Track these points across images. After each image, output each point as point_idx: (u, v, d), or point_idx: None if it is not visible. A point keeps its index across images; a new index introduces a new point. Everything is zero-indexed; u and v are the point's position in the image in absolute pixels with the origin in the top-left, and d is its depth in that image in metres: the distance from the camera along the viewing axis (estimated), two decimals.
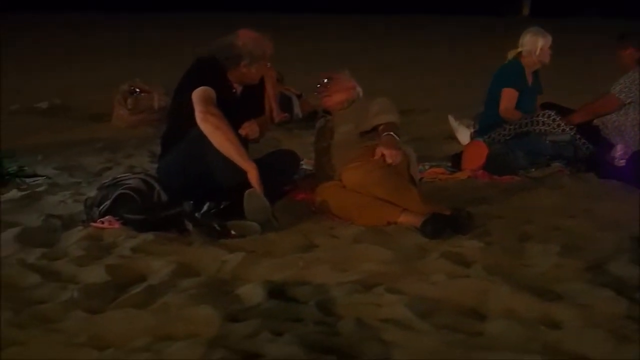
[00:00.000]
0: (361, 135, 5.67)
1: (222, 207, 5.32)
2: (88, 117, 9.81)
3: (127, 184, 5.09)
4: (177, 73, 5.54)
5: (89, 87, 12.13)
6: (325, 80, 5.91)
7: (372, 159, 5.36)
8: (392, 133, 5.45)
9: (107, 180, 5.42)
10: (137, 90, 9.10)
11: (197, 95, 5.21)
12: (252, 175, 5.16)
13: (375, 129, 5.62)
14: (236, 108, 5.46)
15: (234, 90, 5.54)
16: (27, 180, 6.48)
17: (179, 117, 5.38)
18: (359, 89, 5.92)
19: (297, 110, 9.53)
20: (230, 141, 5.15)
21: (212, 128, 5.13)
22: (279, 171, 5.58)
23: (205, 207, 5.33)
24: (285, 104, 9.42)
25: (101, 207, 5.12)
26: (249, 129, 5.55)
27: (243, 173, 5.17)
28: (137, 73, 12.51)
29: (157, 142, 5.88)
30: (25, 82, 12.99)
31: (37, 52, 17.14)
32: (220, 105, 5.23)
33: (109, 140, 8.39)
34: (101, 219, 5.08)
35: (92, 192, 5.86)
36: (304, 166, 6.53)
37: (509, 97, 7.26)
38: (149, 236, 4.87)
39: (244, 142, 5.45)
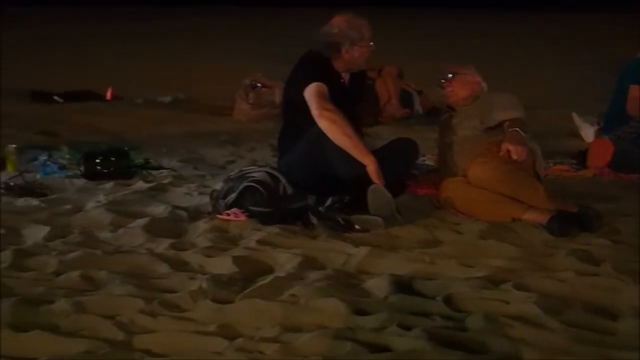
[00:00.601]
0: (486, 131, 5.62)
1: (345, 201, 5.36)
2: (210, 110, 9.91)
3: (253, 176, 5.14)
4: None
5: (211, 81, 12.27)
6: (450, 75, 5.87)
7: (498, 155, 5.32)
8: (517, 129, 5.39)
9: (233, 173, 5.48)
10: (259, 84, 9.20)
11: (310, 92, 5.25)
12: (371, 169, 5.16)
13: (500, 124, 5.56)
14: (346, 97, 5.47)
15: (342, 80, 5.56)
16: (153, 172, 6.58)
17: (294, 113, 5.43)
18: (484, 85, 5.86)
19: (418, 106, 9.50)
20: (347, 135, 5.16)
21: (328, 123, 5.16)
22: (398, 158, 5.55)
23: (328, 201, 5.37)
24: (405, 100, 9.41)
25: (227, 199, 5.18)
26: None
27: (364, 167, 5.18)
28: (256, 66, 12.74)
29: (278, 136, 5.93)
30: (149, 75, 13.24)
31: (161, 46, 17.40)
32: (330, 95, 5.26)
33: (232, 133, 8.48)
34: (227, 211, 5.14)
35: (217, 185, 5.95)
36: (426, 162, 6.49)
37: (637, 94, 7.09)
38: (274, 229, 4.92)
39: (360, 134, 5.48)
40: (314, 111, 5.18)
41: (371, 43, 5.50)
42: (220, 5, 28.34)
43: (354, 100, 5.65)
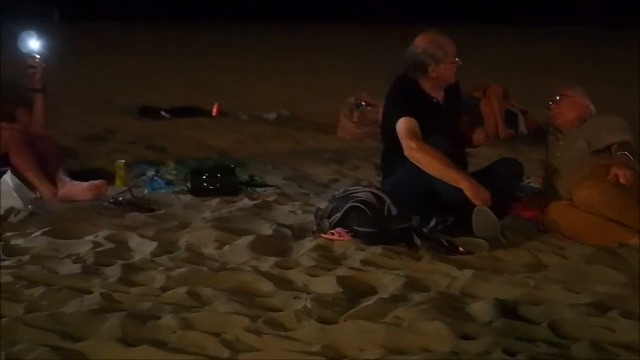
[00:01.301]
0: (593, 154, 5.55)
1: (449, 222, 5.35)
2: (314, 127, 9.97)
3: (358, 196, 5.16)
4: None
5: (315, 98, 12.35)
6: (558, 97, 5.81)
7: (605, 179, 5.24)
8: (626, 152, 5.32)
9: (337, 193, 5.51)
10: (363, 103, 9.23)
11: (399, 127, 5.34)
12: (468, 192, 5.15)
13: (608, 147, 5.48)
14: (441, 116, 5.54)
15: (435, 100, 5.56)
16: (258, 189, 6.66)
17: (392, 138, 5.45)
18: (592, 107, 5.78)
19: (523, 126, 9.41)
20: (436, 167, 5.20)
21: (418, 158, 5.24)
22: (502, 180, 5.50)
23: (433, 222, 5.37)
24: (510, 120, 9.33)
25: (332, 219, 5.22)
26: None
27: None
28: (358, 84, 12.79)
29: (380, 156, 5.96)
30: (254, 91, 13.37)
31: (265, 62, 17.58)
32: (424, 119, 5.31)
33: (335, 151, 8.52)
34: (331, 230, 5.18)
35: (321, 203, 6.00)
36: (531, 184, 6.43)
37: None
38: (378, 249, 4.93)
39: (461, 155, 5.48)
40: (404, 147, 5.28)
41: (457, 58, 5.50)
42: (324, 23, 28.51)
43: (451, 116, 5.68)
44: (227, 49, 20.83)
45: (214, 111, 10.89)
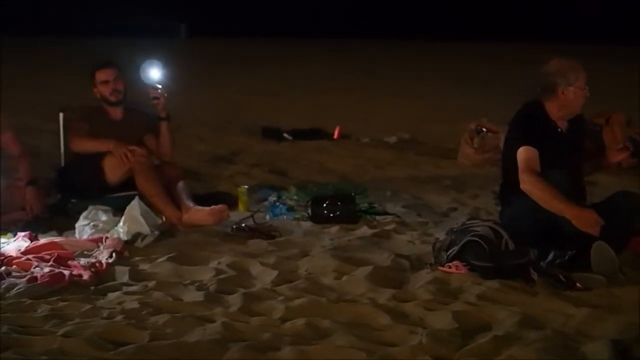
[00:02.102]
0: None
1: (567, 256, 5.33)
2: (434, 152, 10.01)
3: (475, 230, 5.21)
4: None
5: (437, 121, 12.37)
6: None
7: None
8: None
9: (456, 226, 5.56)
10: (484, 129, 9.24)
11: (520, 155, 5.39)
12: (576, 222, 5.15)
13: None
14: (563, 147, 5.55)
15: (559, 129, 5.58)
16: (377, 217, 6.74)
17: (511, 167, 5.48)
18: None
19: None
20: (545, 198, 5.22)
21: (530, 190, 5.27)
22: (622, 213, 5.43)
23: (550, 256, 5.36)
24: (636, 148, 9.17)
25: (449, 252, 5.27)
26: None
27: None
28: (481, 107, 12.76)
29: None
30: (373, 113, 13.47)
31: (384, 82, 17.63)
32: (546, 148, 5.35)
33: (455, 178, 8.53)
34: (449, 263, 5.22)
35: (439, 233, 6.07)
36: None
37: None
38: (494, 283, 4.95)
39: (579, 187, 5.47)
40: (519, 175, 5.32)
41: (586, 88, 5.50)
42: (452, 40, 28.28)
43: (572, 148, 5.66)
44: (350, 67, 20.93)
45: (336, 134, 11.03)
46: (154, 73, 6.98)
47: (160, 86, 6.97)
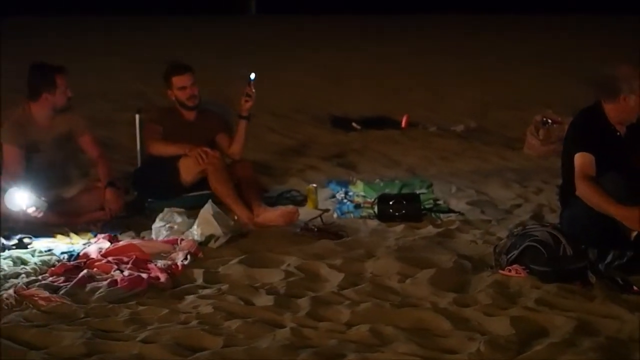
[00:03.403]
0: None
1: (625, 259, 5.47)
2: (501, 142, 10.09)
3: (535, 235, 5.38)
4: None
5: (504, 108, 12.41)
6: None
7: None
8: None
9: (516, 230, 5.74)
10: (549, 121, 9.33)
11: (576, 162, 5.59)
12: (626, 222, 5.35)
13: None
14: (622, 150, 5.71)
15: (618, 133, 5.73)
16: (442, 215, 6.92)
17: (569, 170, 5.68)
18: None
19: None
20: (602, 204, 5.40)
21: (583, 195, 5.50)
22: None
23: (609, 258, 5.50)
24: None
25: (509, 255, 5.44)
26: None
27: None
28: (550, 91, 12.78)
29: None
30: (441, 98, 13.53)
31: (456, 63, 17.54)
32: (604, 152, 5.53)
33: (519, 171, 8.64)
34: (509, 267, 5.40)
35: (501, 232, 6.25)
36: None
37: None
38: (552, 288, 5.11)
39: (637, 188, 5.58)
40: (575, 180, 5.53)
41: None
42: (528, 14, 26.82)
43: (631, 152, 5.77)
44: (415, 47, 20.78)
45: (404, 123, 11.18)
46: (253, 74, 7.25)
47: (253, 87, 7.24)
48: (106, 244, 6.14)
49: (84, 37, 22.94)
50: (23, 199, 6.43)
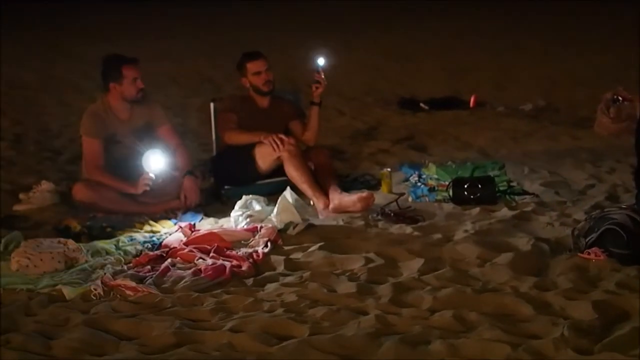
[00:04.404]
0: None
1: None
2: (571, 121, 10.05)
3: (613, 218, 5.40)
4: None
5: (572, 86, 12.33)
6: None
7: None
8: None
9: (595, 212, 5.74)
10: (620, 98, 9.27)
11: None
12: None
13: None
14: None
15: None
16: (516, 197, 6.95)
17: None
18: None
19: None
20: None
21: None
22: None
23: None
24: None
25: (588, 239, 5.46)
26: None
27: None
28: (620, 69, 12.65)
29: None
30: (508, 76, 13.48)
31: (522, 40, 17.40)
32: None
33: (591, 150, 8.61)
34: (588, 250, 5.43)
35: (577, 214, 6.29)
36: None
37: None
38: (633, 271, 5.13)
39: None
40: None
41: None
42: None
43: None
44: (485, 24, 20.68)
45: (472, 102, 11.19)
46: (322, 60, 7.35)
47: (323, 73, 7.33)
48: (187, 233, 6.27)
49: (148, 21, 23.22)
50: (157, 163, 6.61)
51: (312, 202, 6.87)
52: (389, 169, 7.47)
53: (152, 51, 15.83)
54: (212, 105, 7.71)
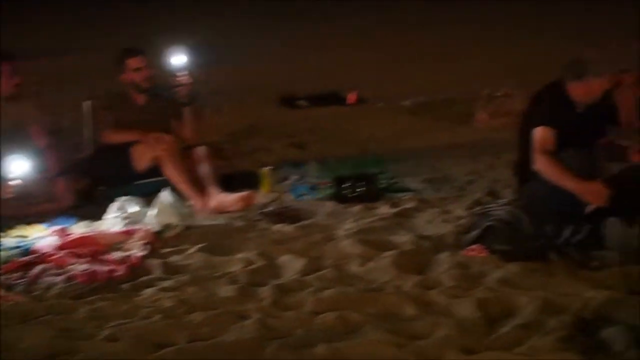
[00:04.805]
0: None
1: (583, 234, 5.50)
2: (450, 117, 10.10)
3: (495, 214, 5.40)
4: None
5: (451, 83, 12.39)
6: None
7: None
8: None
9: (476, 209, 5.75)
10: (498, 93, 9.37)
11: (535, 136, 5.59)
12: (584, 197, 5.45)
13: None
14: (582, 127, 5.70)
15: (579, 110, 5.76)
16: (398, 194, 6.91)
17: (528, 144, 5.66)
18: None
19: None
20: (559, 178, 5.48)
21: (542, 168, 5.54)
22: (630, 186, 5.61)
23: (567, 233, 5.52)
24: None
25: (470, 235, 5.46)
26: None
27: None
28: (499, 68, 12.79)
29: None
30: (388, 72, 13.51)
31: (401, 37, 17.50)
32: (565, 128, 5.55)
33: (470, 145, 8.66)
34: (470, 246, 5.41)
35: (458, 210, 6.28)
36: None
37: None
38: (515, 267, 5.12)
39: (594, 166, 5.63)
40: (534, 155, 5.54)
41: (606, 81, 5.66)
42: None
43: (590, 129, 5.81)
44: (363, 20, 20.70)
45: (351, 99, 11.16)
46: (179, 59, 7.15)
47: (185, 72, 7.14)
48: (60, 237, 6.03)
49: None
50: (21, 167, 6.18)
51: (191, 203, 6.69)
52: (269, 167, 7.34)
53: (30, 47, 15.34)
54: (87, 103, 7.46)
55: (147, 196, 6.73)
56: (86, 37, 18.69)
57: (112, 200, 6.61)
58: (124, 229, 6.17)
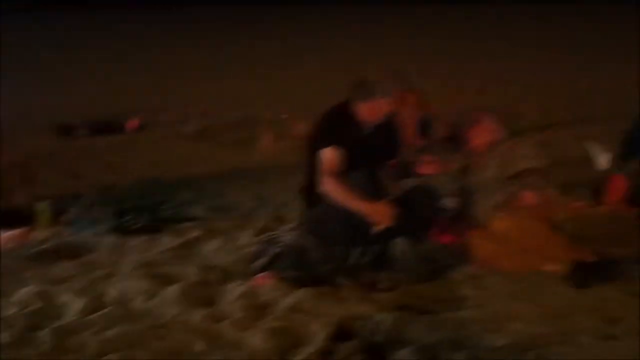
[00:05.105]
0: (507, 180, 5.75)
1: (372, 256, 5.50)
2: (233, 140, 9.99)
3: (282, 241, 5.32)
4: None
5: (232, 105, 12.32)
6: (468, 121, 6.01)
7: (518, 206, 5.46)
8: (537, 178, 5.54)
9: (264, 235, 5.65)
10: (282, 116, 9.36)
11: (323, 158, 5.51)
12: (371, 218, 5.40)
13: (520, 173, 5.69)
14: (369, 147, 5.67)
15: (366, 132, 5.73)
16: (183, 224, 6.72)
17: (314, 167, 5.61)
18: (503, 132, 5.98)
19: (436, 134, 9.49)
20: (345, 199, 5.41)
21: (328, 190, 5.46)
22: (415, 206, 5.66)
23: (356, 255, 5.51)
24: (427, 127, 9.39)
25: (258, 263, 5.35)
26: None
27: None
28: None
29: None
30: (171, 94, 13.34)
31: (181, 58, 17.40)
32: (351, 149, 5.50)
33: (254, 171, 8.57)
34: (258, 275, 5.29)
35: (245, 238, 6.14)
36: (448, 204, 6.57)
37: None
38: (304, 293, 5.05)
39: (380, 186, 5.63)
40: (321, 175, 5.47)
41: (392, 101, 5.68)
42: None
43: (377, 149, 5.80)
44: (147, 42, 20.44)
45: (131, 125, 10.91)
46: None
47: None
48: None
49: None
50: None
51: None
52: (46, 202, 6.99)
53: None
54: None
55: None
56: None
57: None
58: None
